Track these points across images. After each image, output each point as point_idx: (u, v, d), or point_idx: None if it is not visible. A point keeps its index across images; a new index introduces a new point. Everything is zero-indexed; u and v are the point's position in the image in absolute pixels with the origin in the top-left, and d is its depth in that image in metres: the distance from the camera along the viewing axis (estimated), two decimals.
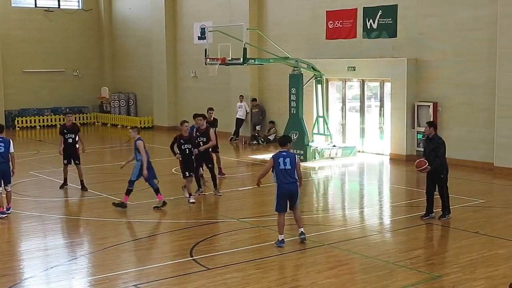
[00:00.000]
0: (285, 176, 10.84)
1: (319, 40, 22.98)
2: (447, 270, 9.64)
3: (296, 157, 11.07)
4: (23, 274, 9.95)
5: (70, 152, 16.09)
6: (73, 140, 16.12)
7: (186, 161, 14.47)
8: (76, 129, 16.34)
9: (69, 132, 16.14)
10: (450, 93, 19.38)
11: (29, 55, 32.01)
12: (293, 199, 10.96)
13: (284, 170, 10.82)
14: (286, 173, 10.83)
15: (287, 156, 10.91)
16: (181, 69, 29.77)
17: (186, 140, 14.49)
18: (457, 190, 15.51)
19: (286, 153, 10.98)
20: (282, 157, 10.89)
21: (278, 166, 10.85)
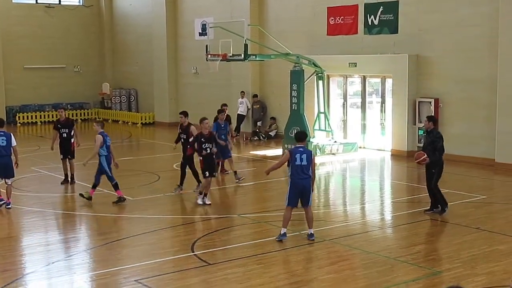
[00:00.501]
0: (300, 172, 10.81)
1: (320, 36, 22.96)
2: (448, 265, 9.65)
3: (312, 153, 11.08)
4: (24, 269, 9.98)
5: (65, 147, 16.14)
6: (67, 135, 16.16)
7: (208, 160, 13.76)
8: (70, 124, 16.37)
9: (63, 126, 16.21)
10: (451, 89, 19.37)
11: (30, 51, 32.01)
12: (306, 196, 10.92)
13: (300, 166, 10.79)
14: (302, 169, 10.80)
15: (304, 152, 10.89)
16: (182, 65, 29.76)
17: (207, 138, 13.74)
18: (458, 186, 15.53)
19: (303, 149, 10.97)
20: (299, 152, 10.85)
21: (295, 161, 10.82)
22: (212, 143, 13.75)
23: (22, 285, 9.22)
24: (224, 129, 16.53)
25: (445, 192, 14.74)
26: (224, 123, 16.59)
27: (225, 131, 16.51)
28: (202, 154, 13.65)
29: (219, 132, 16.21)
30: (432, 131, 12.69)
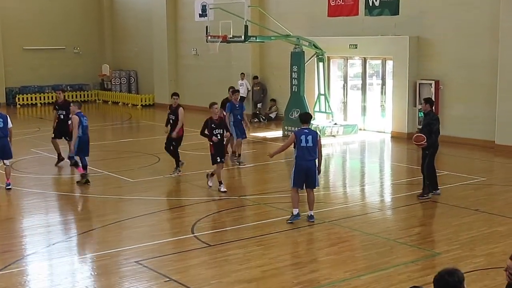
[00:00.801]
0: (306, 154, 10.79)
1: (321, 18, 22.84)
2: (447, 247, 9.68)
3: (318, 134, 11.06)
4: (25, 250, 10.01)
5: (61, 128, 16.19)
6: (64, 116, 16.18)
7: (218, 146, 13.50)
8: (68, 105, 16.37)
9: (60, 108, 16.30)
10: (452, 71, 19.32)
11: (30, 32, 31.87)
12: (311, 177, 10.90)
13: (306, 148, 10.76)
14: (307, 150, 10.78)
15: (309, 133, 10.86)
16: (182, 46, 29.65)
17: (217, 124, 13.46)
18: (457, 168, 15.55)
19: (308, 130, 10.94)
20: (304, 134, 10.82)
21: (300, 143, 10.79)
22: (222, 129, 13.51)
23: (23, 266, 9.26)
24: (240, 109, 16.39)
25: (445, 174, 14.83)
26: (239, 104, 16.47)
27: (240, 111, 16.35)
28: (212, 139, 13.29)
29: (234, 112, 16.13)
30: (429, 113, 12.67)
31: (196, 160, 17.10)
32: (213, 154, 13.41)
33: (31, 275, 8.99)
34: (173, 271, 8.83)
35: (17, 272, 8.98)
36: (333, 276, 8.57)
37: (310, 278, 8.51)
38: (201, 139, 20.09)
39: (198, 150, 18.45)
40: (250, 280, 8.47)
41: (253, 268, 8.91)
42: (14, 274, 8.88)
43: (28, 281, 8.75)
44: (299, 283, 8.34)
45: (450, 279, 4.57)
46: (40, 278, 8.88)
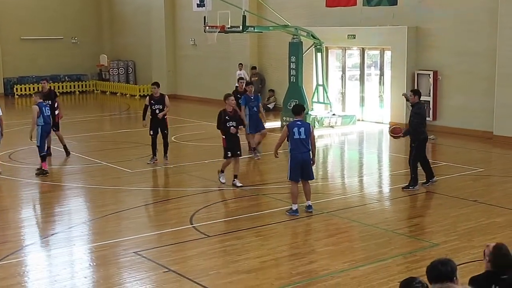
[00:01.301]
0: (299, 146, 10.79)
1: (319, 8, 22.76)
2: (445, 238, 9.70)
3: (311, 126, 11.04)
4: (24, 240, 10.02)
5: None
6: (50, 107, 16.05)
7: (231, 139, 12.96)
8: (53, 95, 16.28)
9: (46, 99, 16.12)
10: (451, 61, 19.29)
11: (27, 22, 31.75)
12: (306, 169, 10.91)
13: (299, 140, 10.76)
14: (301, 142, 10.77)
15: (302, 125, 10.84)
16: (180, 37, 29.57)
17: (231, 116, 12.96)
18: (456, 159, 15.57)
19: (300, 122, 10.92)
20: (297, 126, 10.81)
21: (293, 135, 10.78)
22: (237, 121, 13.04)
23: (21, 256, 9.28)
24: (255, 100, 15.99)
25: (443, 165, 14.87)
26: (254, 96, 16.13)
27: (256, 102, 15.95)
28: (231, 130, 12.85)
29: (249, 104, 15.74)
30: (415, 105, 12.68)
31: (193, 151, 17.11)
32: (225, 148, 13.03)
33: (30, 266, 9.01)
34: (171, 262, 8.85)
35: (16, 262, 8.99)
36: (332, 267, 8.59)
37: (308, 268, 8.53)
38: (197, 130, 20.14)
39: (195, 141, 18.48)
40: (248, 270, 8.49)
41: (251, 258, 8.93)
42: (13, 264, 8.90)
43: (27, 271, 8.77)
44: (297, 273, 8.37)
45: (443, 268, 4.58)
46: (38, 268, 8.90)
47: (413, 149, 12.62)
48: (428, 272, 4.62)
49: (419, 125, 12.50)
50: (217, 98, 26.89)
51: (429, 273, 4.61)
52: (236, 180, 12.97)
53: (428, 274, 4.61)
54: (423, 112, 12.76)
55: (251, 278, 8.25)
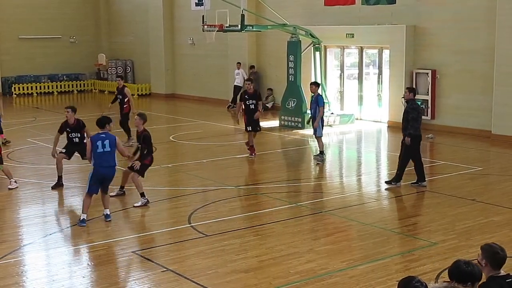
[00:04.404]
0: (103, 160, 10.46)
1: (318, 7, 22.76)
2: (443, 237, 9.70)
3: (117, 138, 10.64)
4: (22, 240, 10.01)
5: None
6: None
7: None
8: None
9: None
10: (449, 60, 19.30)
11: (25, 21, 31.71)
12: (106, 184, 10.70)
13: (103, 153, 10.46)
14: (104, 156, 10.45)
15: (106, 138, 10.52)
16: (178, 35, 29.55)
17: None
18: (454, 158, 15.58)
19: (105, 135, 10.57)
20: (101, 139, 10.48)
21: (96, 149, 10.46)
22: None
23: (20, 256, 9.27)
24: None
25: (442, 164, 14.89)
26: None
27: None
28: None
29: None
30: (408, 101, 12.72)
31: (191, 150, 17.11)
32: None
33: (28, 265, 9.00)
34: (169, 261, 8.84)
35: (14, 262, 8.98)
36: (330, 266, 8.59)
37: (306, 268, 8.53)
38: (195, 129, 20.16)
39: (193, 140, 18.47)
40: (247, 270, 8.49)
41: (250, 258, 8.93)
42: (11, 264, 8.89)
43: (25, 271, 8.75)
44: (296, 272, 8.36)
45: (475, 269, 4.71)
46: (37, 268, 8.89)
47: (406, 147, 12.62)
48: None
49: (414, 121, 12.52)
50: (216, 97, 27.01)
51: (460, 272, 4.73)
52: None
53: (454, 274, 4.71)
54: (419, 108, 12.78)
55: (250, 277, 8.24)
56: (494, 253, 5.11)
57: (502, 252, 5.15)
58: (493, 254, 5.10)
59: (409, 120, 12.53)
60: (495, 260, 5.09)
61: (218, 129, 19.99)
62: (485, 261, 5.10)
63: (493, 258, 5.09)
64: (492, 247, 5.15)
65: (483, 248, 5.16)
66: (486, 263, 5.10)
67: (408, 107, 12.70)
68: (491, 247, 5.15)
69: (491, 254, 5.10)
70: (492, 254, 5.10)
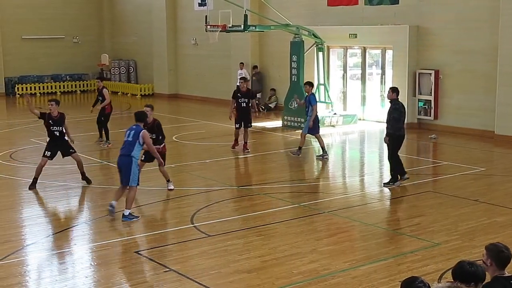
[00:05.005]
0: (122, 148, 10.86)
1: (321, 7, 22.76)
2: (446, 237, 9.68)
3: (144, 132, 10.96)
4: (25, 240, 10.03)
5: None
6: None
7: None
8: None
9: None
10: (452, 60, 19.27)
11: (28, 21, 31.75)
12: (121, 174, 10.87)
13: (125, 142, 10.87)
14: (124, 145, 10.84)
15: (134, 129, 10.95)
16: (181, 36, 29.56)
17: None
18: (457, 158, 15.56)
19: (135, 126, 11.03)
20: (129, 130, 10.96)
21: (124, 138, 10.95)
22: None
23: (23, 256, 9.28)
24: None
25: (445, 164, 14.88)
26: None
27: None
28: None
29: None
30: (392, 101, 12.82)
31: (194, 150, 17.11)
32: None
33: (31, 265, 9.01)
34: (172, 261, 8.85)
35: (17, 262, 8.99)
36: (333, 266, 8.59)
37: (309, 268, 8.52)
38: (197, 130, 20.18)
39: (196, 140, 18.47)
40: (250, 270, 8.48)
41: (252, 258, 8.93)
42: (14, 264, 8.90)
43: (28, 271, 8.76)
44: (299, 273, 8.36)
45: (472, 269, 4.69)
46: (39, 268, 8.90)
47: (389, 146, 12.73)
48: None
49: (397, 121, 12.61)
50: (218, 97, 27.00)
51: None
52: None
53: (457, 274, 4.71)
54: (402, 108, 12.86)
55: (252, 278, 8.24)
56: (499, 251, 5.11)
57: (507, 251, 5.14)
58: (498, 253, 5.10)
59: (390, 120, 12.61)
60: (500, 259, 5.09)
61: (221, 129, 19.99)
62: (490, 260, 5.10)
63: (498, 257, 5.08)
64: (497, 246, 5.15)
65: (488, 248, 5.16)
66: (491, 263, 5.09)
67: (391, 107, 12.79)
68: (496, 246, 5.15)
69: (496, 253, 5.09)
70: (497, 253, 5.10)
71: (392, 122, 12.64)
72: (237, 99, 16.35)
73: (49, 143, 13.18)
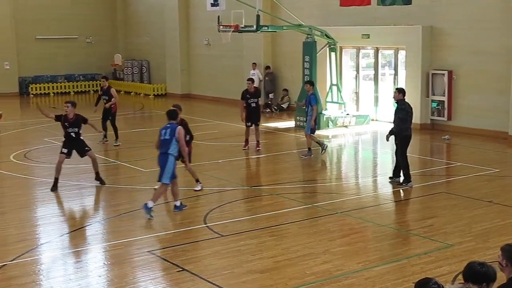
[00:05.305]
0: (161, 147, 11.14)
1: (333, 7, 22.72)
2: (460, 239, 9.64)
3: (179, 128, 11.19)
4: (39, 239, 10.09)
5: None
6: None
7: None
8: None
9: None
10: (465, 61, 19.17)
11: (42, 22, 31.94)
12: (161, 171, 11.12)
13: (163, 141, 11.13)
14: (162, 143, 11.12)
15: (169, 127, 11.15)
16: (193, 36, 29.63)
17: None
18: (470, 159, 15.47)
19: (170, 125, 11.23)
20: (164, 128, 11.20)
21: (161, 137, 11.19)
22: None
23: (37, 255, 9.34)
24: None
25: (458, 165, 14.81)
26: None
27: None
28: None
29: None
30: (398, 102, 12.98)
31: (207, 150, 17.12)
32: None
33: (45, 264, 9.06)
34: (185, 261, 8.87)
35: (31, 261, 9.06)
36: (346, 267, 8.57)
37: (322, 269, 8.52)
38: (210, 130, 20.20)
39: (209, 140, 18.50)
40: (262, 270, 8.49)
41: (265, 258, 8.93)
42: (28, 263, 8.96)
43: (42, 270, 8.82)
44: (312, 273, 8.35)
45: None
46: (54, 267, 8.96)
47: (397, 146, 12.77)
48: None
49: (403, 121, 12.71)
50: (231, 97, 27.00)
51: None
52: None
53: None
54: (408, 109, 12.92)
55: (265, 278, 8.25)
56: None
57: None
58: None
59: (396, 120, 12.76)
60: None
61: (234, 129, 20.00)
62: (506, 261, 5.07)
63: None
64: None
65: (504, 249, 5.13)
66: (507, 264, 5.07)
67: (397, 108, 12.84)
68: (511, 247, 5.11)
69: (511, 254, 5.06)
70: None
71: (397, 122, 12.81)
72: (246, 100, 16.51)
73: (65, 142, 13.30)
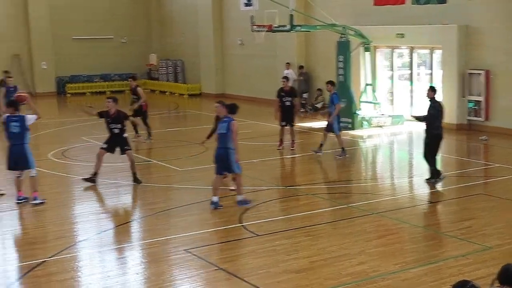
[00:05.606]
0: (218, 141, 11.44)
1: (367, 6, 22.57)
2: (498, 241, 9.50)
3: (232, 123, 11.32)
4: (77, 236, 10.26)
5: None
6: None
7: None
8: None
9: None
10: (502, 60, 18.87)
11: (78, 22, 32.39)
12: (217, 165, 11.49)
13: (219, 134, 11.39)
14: (219, 138, 11.40)
15: (226, 122, 11.30)
16: (227, 36, 29.73)
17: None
18: (509, 160, 15.24)
19: (227, 118, 11.38)
20: (223, 122, 11.35)
21: (218, 131, 11.46)
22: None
23: (75, 252, 9.49)
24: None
25: (497, 166, 14.60)
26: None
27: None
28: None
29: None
30: (431, 100, 13.19)
31: (241, 150, 17.15)
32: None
33: (83, 261, 9.21)
34: (221, 260, 8.93)
35: (70, 258, 9.21)
36: (382, 268, 8.53)
37: (358, 270, 8.48)
38: (245, 129, 20.23)
39: (243, 140, 18.53)
40: (298, 270, 8.49)
41: (301, 258, 8.93)
42: (67, 259, 9.12)
43: (80, 267, 8.96)
44: (347, 274, 8.33)
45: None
46: (91, 264, 9.10)
47: (426, 144, 12.97)
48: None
49: (434, 117, 12.87)
50: (265, 97, 27.02)
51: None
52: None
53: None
54: (439, 107, 13.10)
55: (301, 278, 8.25)
56: None
57: None
58: None
59: (427, 117, 12.98)
60: None
61: (268, 129, 20.01)
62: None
63: None
64: None
65: None
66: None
67: (430, 105, 13.09)
68: None
69: None
70: None
71: (428, 118, 13.00)
72: (280, 98, 16.57)
73: (108, 138, 13.52)
